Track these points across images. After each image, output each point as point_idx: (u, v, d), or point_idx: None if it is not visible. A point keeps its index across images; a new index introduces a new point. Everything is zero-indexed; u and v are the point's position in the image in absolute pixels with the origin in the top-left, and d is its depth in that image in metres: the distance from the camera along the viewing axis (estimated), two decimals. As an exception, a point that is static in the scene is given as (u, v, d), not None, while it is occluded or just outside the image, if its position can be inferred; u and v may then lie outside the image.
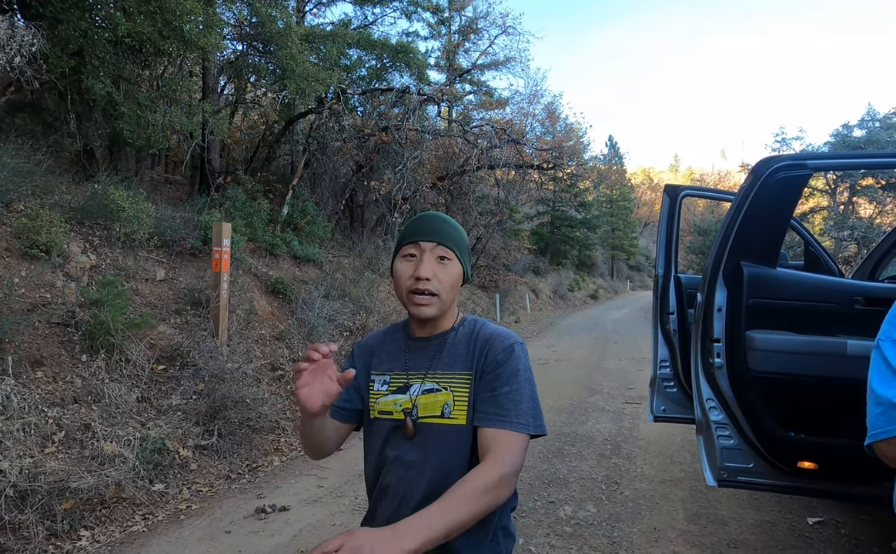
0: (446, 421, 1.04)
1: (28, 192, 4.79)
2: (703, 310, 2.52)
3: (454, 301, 1.12)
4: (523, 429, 1.00)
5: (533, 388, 1.05)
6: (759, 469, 2.46)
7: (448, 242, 1.08)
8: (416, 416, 1.06)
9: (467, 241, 1.15)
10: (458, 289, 1.11)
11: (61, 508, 2.92)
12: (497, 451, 0.97)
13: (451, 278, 1.08)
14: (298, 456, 4.29)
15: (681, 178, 55.69)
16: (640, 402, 5.97)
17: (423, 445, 1.05)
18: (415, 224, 1.12)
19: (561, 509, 3.35)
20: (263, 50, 8.15)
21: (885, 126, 16.15)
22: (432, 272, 1.06)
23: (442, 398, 1.06)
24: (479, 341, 1.08)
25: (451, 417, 1.04)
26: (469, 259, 1.14)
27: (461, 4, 16.80)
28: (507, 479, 0.96)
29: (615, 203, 33.05)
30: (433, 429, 1.05)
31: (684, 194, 3.77)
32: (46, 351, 3.83)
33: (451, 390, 1.06)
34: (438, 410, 1.05)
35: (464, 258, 1.11)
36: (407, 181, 10.29)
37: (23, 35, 4.62)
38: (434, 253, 1.07)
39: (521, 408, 1.01)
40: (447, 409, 1.05)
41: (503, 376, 1.03)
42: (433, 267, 1.06)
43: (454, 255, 1.08)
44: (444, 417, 1.05)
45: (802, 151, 16.53)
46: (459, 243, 1.10)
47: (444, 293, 1.07)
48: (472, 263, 14.68)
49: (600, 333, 12.48)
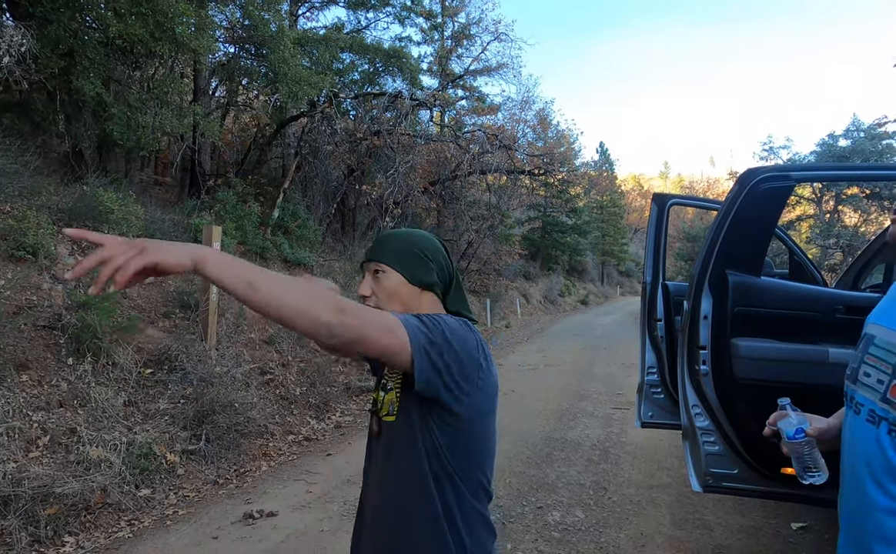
0: (392, 418, 1.07)
1: (15, 193, 4.74)
2: (689, 317, 2.56)
3: (414, 309, 1.10)
4: (396, 324, 0.93)
5: (438, 331, 0.96)
6: (743, 475, 2.50)
7: (380, 256, 1.11)
8: (381, 414, 1.10)
9: (416, 246, 1.12)
10: (402, 296, 1.10)
11: (45, 514, 2.88)
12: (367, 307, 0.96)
13: (385, 289, 1.10)
14: (287, 461, 4.27)
15: (670, 185, 56.27)
16: (628, 407, 6.01)
17: (385, 444, 1.08)
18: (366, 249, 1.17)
19: (549, 515, 3.37)
20: (256, 53, 8.15)
21: (870, 136, 16.45)
22: (369, 288, 1.11)
23: (388, 398, 1.09)
24: None
25: (394, 414, 1.07)
26: (419, 262, 1.11)
27: (454, 10, 16.91)
28: (347, 316, 0.87)
29: (606, 209, 33.29)
30: (389, 428, 1.08)
31: (672, 203, 3.83)
32: (32, 354, 3.78)
33: (395, 389, 1.08)
34: (387, 409, 1.08)
35: (404, 265, 1.10)
36: (399, 185, 10.30)
37: (12, 35, 4.58)
38: (370, 269, 1.13)
39: (414, 321, 0.96)
40: (392, 408, 1.07)
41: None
42: (370, 283, 1.12)
43: (387, 266, 1.10)
44: (390, 414, 1.07)
45: (786, 163, 16.79)
46: (394, 252, 1.11)
47: (385, 305, 1.09)
48: (463, 268, 14.74)
49: (590, 339, 12.55)
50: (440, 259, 1.15)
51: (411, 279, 1.11)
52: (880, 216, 16.87)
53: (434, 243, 1.17)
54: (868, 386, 1.10)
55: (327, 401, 5.64)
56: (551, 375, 7.93)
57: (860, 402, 1.11)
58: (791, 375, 2.37)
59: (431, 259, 1.13)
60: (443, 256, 1.16)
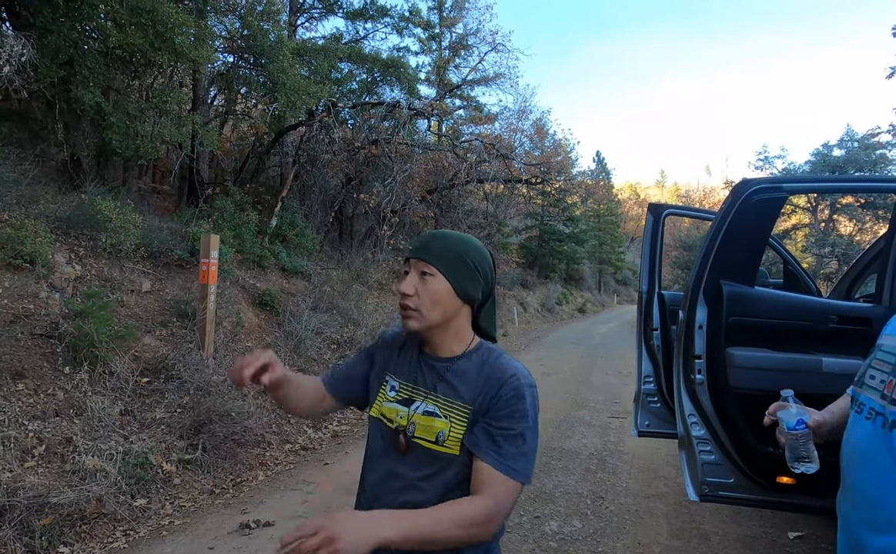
0: (439, 448, 1.03)
1: (13, 202, 4.74)
2: (684, 327, 2.58)
3: (452, 321, 1.09)
4: (522, 478, 1.00)
5: (536, 436, 1.04)
6: (739, 484, 2.51)
7: (430, 257, 1.06)
8: (412, 433, 1.05)
9: (468, 256, 1.08)
10: (445, 305, 1.06)
11: (40, 524, 2.87)
12: (494, 490, 0.98)
13: (431, 294, 1.05)
14: (284, 470, 4.26)
15: (667, 194, 56.55)
16: (625, 416, 6.02)
17: (414, 464, 1.05)
18: (412, 242, 1.13)
19: (546, 524, 3.37)
20: (254, 62, 8.20)
21: (863, 146, 16.62)
22: (413, 288, 1.06)
23: (439, 425, 1.04)
24: (489, 375, 1.05)
25: (445, 446, 1.03)
26: (469, 274, 1.08)
27: (452, 21, 17.06)
28: (494, 520, 0.97)
29: (602, 218, 33.43)
30: (427, 452, 1.04)
31: (667, 213, 3.86)
32: (28, 363, 3.77)
33: (450, 419, 1.04)
34: (433, 436, 1.04)
35: (454, 273, 1.06)
36: (396, 194, 10.34)
37: (12, 45, 4.61)
38: (418, 268, 1.07)
39: (523, 455, 1.01)
40: (441, 437, 1.03)
41: (513, 417, 1.01)
42: (415, 282, 1.06)
43: (437, 270, 1.05)
44: (437, 443, 1.03)
45: (779, 174, 16.90)
46: (446, 258, 1.06)
47: (425, 309, 1.05)
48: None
49: (587, 347, 12.56)
50: (488, 272, 1.11)
51: (458, 290, 1.07)
52: (875, 225, 17.01)
53: (485, 256, 1.12)
54: (871, 387, 1.19)
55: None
56: (549, 383, 7.93)
57: (862, 402, 1.20)
58: (785, 384, 2.38)
59: (480, 272, 1.09)
60: (490, 270, 1.12)
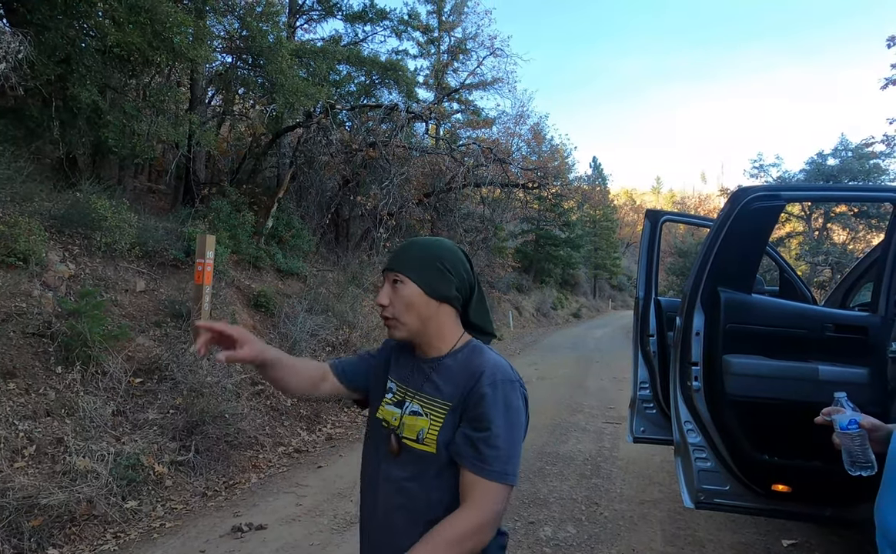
0: (419, 446, 1.05)
1: (7, 199, 4.70)
2: (681, 334, 2.58)
3: (431, 321, 1.10)
4: (506, 480, 0.99)
5: (516, 431, 1.03)
6: (734, 491, 2.51)
7: (398, 266, 1.10)
8: (401, 434, 1.08)
9: (437, 257, 1.11)
10: (419, 308, 1.09)
11: (30, 526, 2.83)
12: (476, 497, 0.99)
13: (403, 299, 1.08)
14: (277, 473, 4.23)
15: (662, 200, 56.82)
16: (620, 422, 6.02)
17: (404, 465, 1.07)
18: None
19: (541, 530, 3.35)
20: (253, 63, 8.19)
21: (857, 156, 16.75)
22: (387, 298, 1.10)
23: (420, 423, 1.06)
24: (467, 372, 1.07)
25: (424, 443, 1.05)
26: (437, 275, 1.10)
27: (451, 25, 17.10)
28: (485, 527, 0.98)
29: (598, 223, 33.54)
30: (412, 452, 1.06)
31: (664, 219, 3.87)
32: (20, 362, 3.73)
33: (430, 417, 1.06)
34: (415, 435, 1.06)
35: (422, 276, 1.09)
36: (393, 197, 10.33)
37: (9, 41, 4.58)
38: (390, 279, 1.11)
39: (503, 456, 1.00)
40: (421, 435, 1.05)
41: (487, 416, 1.01)
42: (388, 292, 1.11)
43: (406, 277, 1.09)
44: (418, 442, 1.06)
45: (777, 183, 17.03)
46: (413, 263, 1.09)
47: (401, 315, 1.09)
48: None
49: (582, 352, 12.57)
50: (461, 272, 1.13)
51: (429, 292, 1.09)
52: (868, 234, 17.14)
53: (456, 255, 1.14)
54: None
55: (318, 413, 5.60)
56: (544, 388, 7.92)
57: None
58: (782, 391, 2.40)
59: (451, 272, 1.11)
60: (464, 269, 1.14)
